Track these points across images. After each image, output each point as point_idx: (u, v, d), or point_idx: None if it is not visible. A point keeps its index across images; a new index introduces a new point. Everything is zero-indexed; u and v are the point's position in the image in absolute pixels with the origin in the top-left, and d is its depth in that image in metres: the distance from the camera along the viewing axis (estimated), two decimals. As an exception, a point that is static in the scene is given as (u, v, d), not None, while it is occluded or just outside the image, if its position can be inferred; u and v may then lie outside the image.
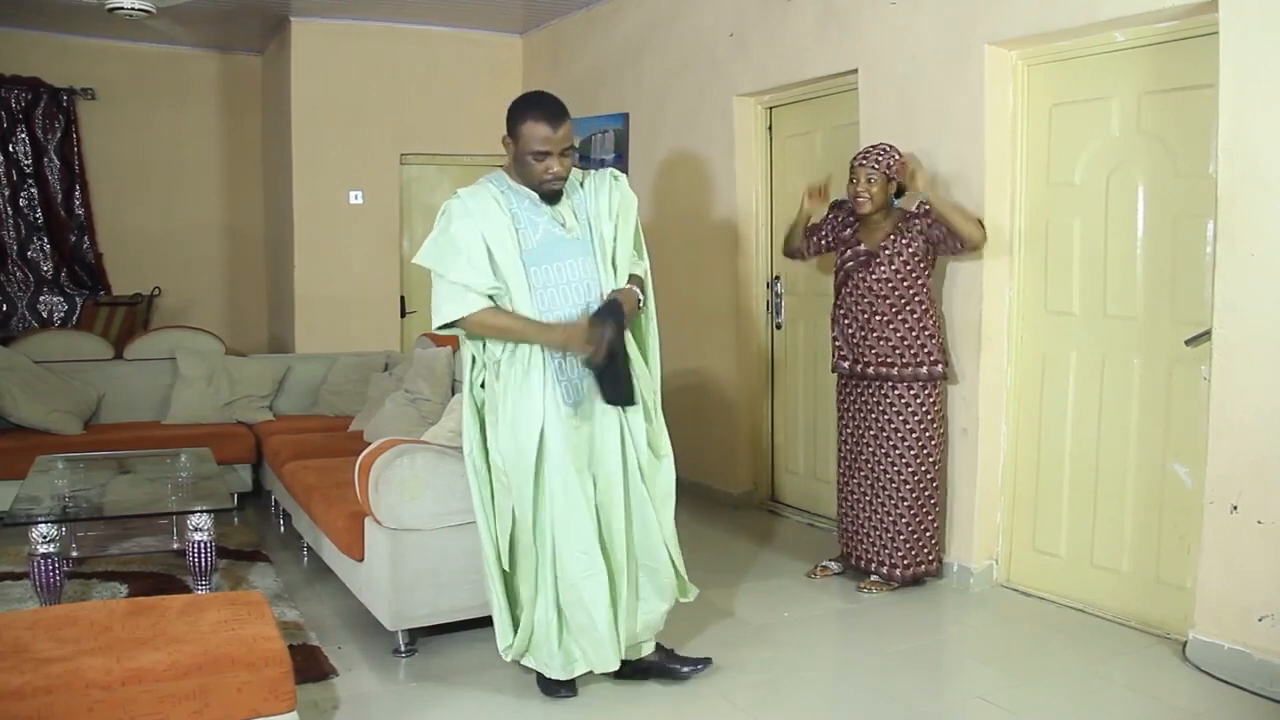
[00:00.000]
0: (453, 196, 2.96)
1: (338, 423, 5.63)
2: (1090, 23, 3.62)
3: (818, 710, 3.12)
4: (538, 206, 2.96)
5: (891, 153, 3.97)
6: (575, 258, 2.97)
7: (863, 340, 4.01)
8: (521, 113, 2.92)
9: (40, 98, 7.06)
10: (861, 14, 4.52)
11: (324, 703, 3.08)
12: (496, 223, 2.90)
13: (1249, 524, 3.17)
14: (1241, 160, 3.16)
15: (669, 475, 3.11)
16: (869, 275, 3.97)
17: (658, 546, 3.08)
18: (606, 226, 3.01)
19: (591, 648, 2.98)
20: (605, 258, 3.01)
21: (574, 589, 2.94)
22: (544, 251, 2.94)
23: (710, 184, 5.59)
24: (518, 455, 2.92)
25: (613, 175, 3.08)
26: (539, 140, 2.87)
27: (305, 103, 6.91)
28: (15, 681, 2.20)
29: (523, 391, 2.92)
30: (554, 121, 2.89)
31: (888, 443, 4.00)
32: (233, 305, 7.89)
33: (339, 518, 3.72)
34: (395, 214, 7.24)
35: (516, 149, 2.93)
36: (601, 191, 3.04)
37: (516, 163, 2.95)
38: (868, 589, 4.06)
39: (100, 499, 3.91)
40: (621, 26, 6.27)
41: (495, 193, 2.95)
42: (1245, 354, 3.18)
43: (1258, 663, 3.14)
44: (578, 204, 3.03)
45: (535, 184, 2.93)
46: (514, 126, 2.93)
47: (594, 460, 2.99)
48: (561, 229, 2.97)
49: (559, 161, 2.90)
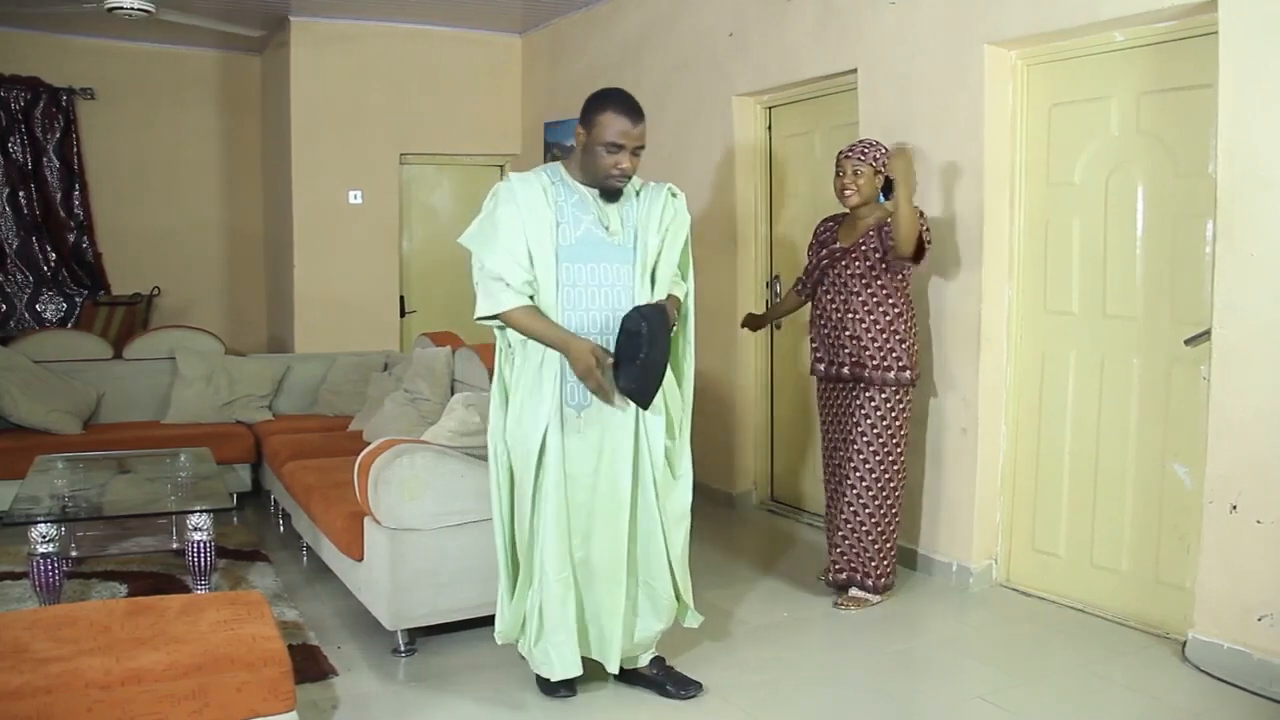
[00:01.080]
0: (503, 180, 2.95)
1: (337, 423, 5.63)
2: (1090, 23, 3.62)
3: (817, 710, 3.12)
4: (585, 204, 2.93)
5: (878, 146, 3.89)
6: (613, 262, 2.93)
7: (836, 340, 3.92)
8: (602, 103, 2.90)
9: (40, 97, 7.06)
10: (861, 14, 4.52)
11: (323, 703, 3.08)
12: (539, 214, 2.87)
13: (1248, 524, 3.17)
14: (1241, 160, 3.16)
15: (684, 496, 3.06)
16: (844, 271, 3.89)
17: (660, 567, 3.03)
18: (653, 239, 2.97)
19: (555, 650, 2.96)
20: (645, 268, 2.96)
21: (549, 589, 2.93)
22: (581, 250, 2.91)
23: (710, 184, 5.59)
24: (524, 448, 2.92)
25: (670, 191, 3.04)
26: (616, 132, 2.85)
27: (305, 102, 6.91)
28: (14, 681, 2.20)
29: (533, 388, 2.91)
30: (634, 116, 2.88)
31: (851, 447, 3.88)
32: (232, 305, 7.89)
33: (338, 517, 3.71)
34: (395, 214, 7.25)
35: (589, 138, 2.89)
36: (655, 203, 3.00)
37: (585, 153, 2.91)
38: (845, 606, 3.92)
39: (99, 499, 3.91)
40: (621, 26, 6.27)
41: (545, 183, 2.92)
42: (1245, 354, 3.18)
43: (1257, 662, 3.14)
44: (627, 211, 2.99)
45: (601, 177, 2.90)
46: (591, 115, 2.90)
47: (600, 467, 2.94)
48: (604, 232, 2.94)
49: (630, 159, 2.88)
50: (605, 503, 2.95)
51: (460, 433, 3.60)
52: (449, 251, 7.69)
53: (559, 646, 2.95)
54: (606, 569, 2.97)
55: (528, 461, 2.92)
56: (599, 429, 2.93)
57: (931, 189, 4.22)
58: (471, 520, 3.42)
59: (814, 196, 5.03)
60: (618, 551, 2.97)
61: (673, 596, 3.08)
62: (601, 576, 2.98)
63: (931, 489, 4.31)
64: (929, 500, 4.31)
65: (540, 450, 2.90)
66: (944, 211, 4.18)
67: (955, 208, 4.13)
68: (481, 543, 3.42)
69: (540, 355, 2.90)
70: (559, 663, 2.97)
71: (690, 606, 3.18)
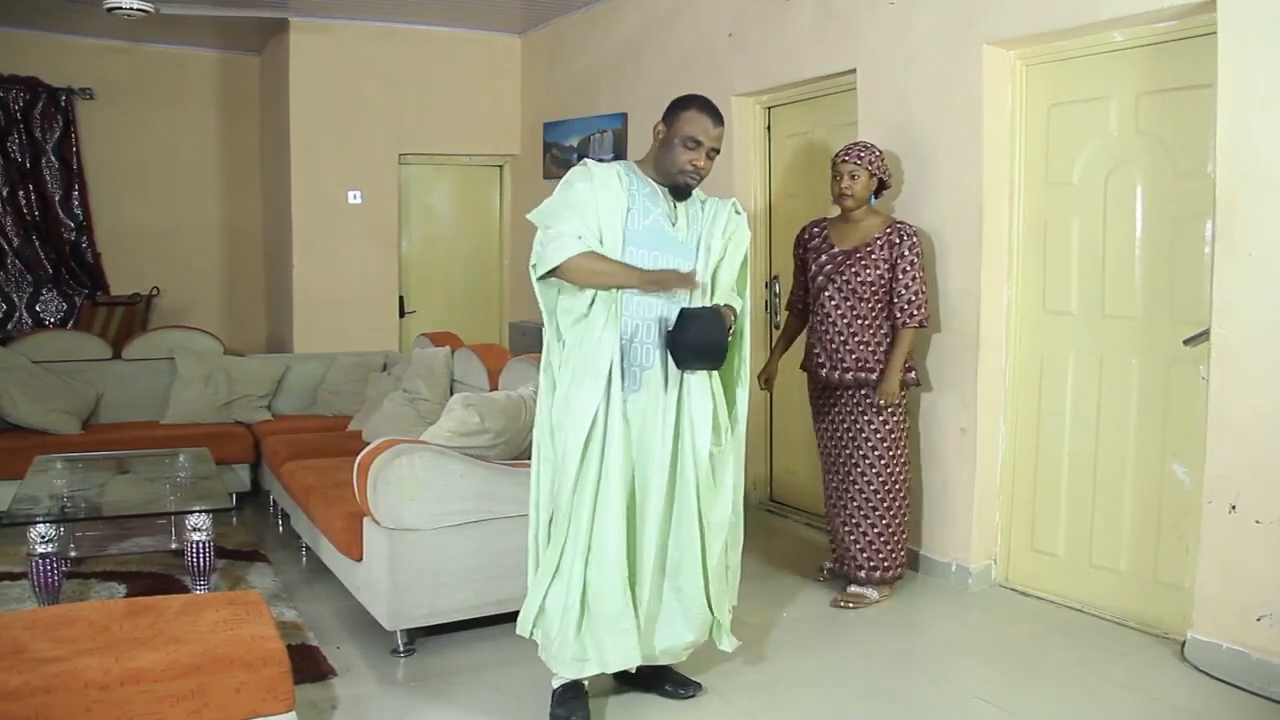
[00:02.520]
0: (579, 164, 2.96)
1: (336, 423, 5.63)
2: (1089, 23, 3.62)
3: (817, 710, 3.12)
4: (655, 198, 2.96)
5: (873, 149, 3.93)
6: (676, 256, 2.95)
7: (842, 345, 3.92)
8: (687, 102, 2.97)
9: (39, 97, 7.06)
10: (860, 14, 4.52)
11: (322, 703, 3.08)
12: (613, 194, 2.89)
13: (1247, 524, 3.17)
14: (1240, 160, 3.16)
15: (725, 506, 2.98)
16: (853, 276, 3.89)
17: (694, 573, 2.94)
18: (716, 244, 3.00)
19: (609, 638, 2.83)
20: (706, 270, 2.97)
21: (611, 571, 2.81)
22: (648, 237, 2.92)
23: (709, 184, 5.55)
24: (570, 432, 2.84)
25: (734, 207, 3.07)
26: (697, 130, 2.90)
27: (304, 102, 6.91)
28: (13, 682, 2.20)
29: (584, 370, 2.84)
30: (716, 119, 2.94)
31: (858, 451, 3.92)
32: (231, 305, 7.89)
33: (337, 518, 3.71)
34: (394, 214, 7.25)
35: (668, 134, 2.94)
36: (721, 214, 3.04)
37: (663, 147, 2.95)
38: (844, 603, 3.94)
39: (99, 499, 3.91)
40: (620, 26, 6.27)
41: (620, 171, 2.95)
42: (1244, 354, 3.19)
43: (1256, 662, 3.14)
44: (693, 214, 3.03)
45: (674, 172, 2.93)
46: (676, 112, 2.95)
47: (640, 460, 2.89)
48: (670, 226, 2.97)
49: (705, 158, 2.92)
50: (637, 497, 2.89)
51: (459, 433, 3.60)
52: (448, 251, 7.75)
53: (618, 634, 2.83)
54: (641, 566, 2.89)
55: (572, 447, 2.83)
56: (641, 418, 2.89)
57: (931, 189, 4.23)
58: (471, 520, 3.41)
59: (813, 197, 5.03)
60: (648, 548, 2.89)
61: (705, 606, 2.98)
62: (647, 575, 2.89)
63: (931, 489, 4.31)
64: (928, 500, 4.31)
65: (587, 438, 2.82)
66: (943, 211, 4.18)
67: (954, 208, 4.13)
68: (481, 543, 3.43)
69: (598, 335, 2.84)
70: (615, 652, 2.84)
71: (725, 627, 3.05)
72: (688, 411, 2.93)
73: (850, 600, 3.95)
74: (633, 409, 2.89)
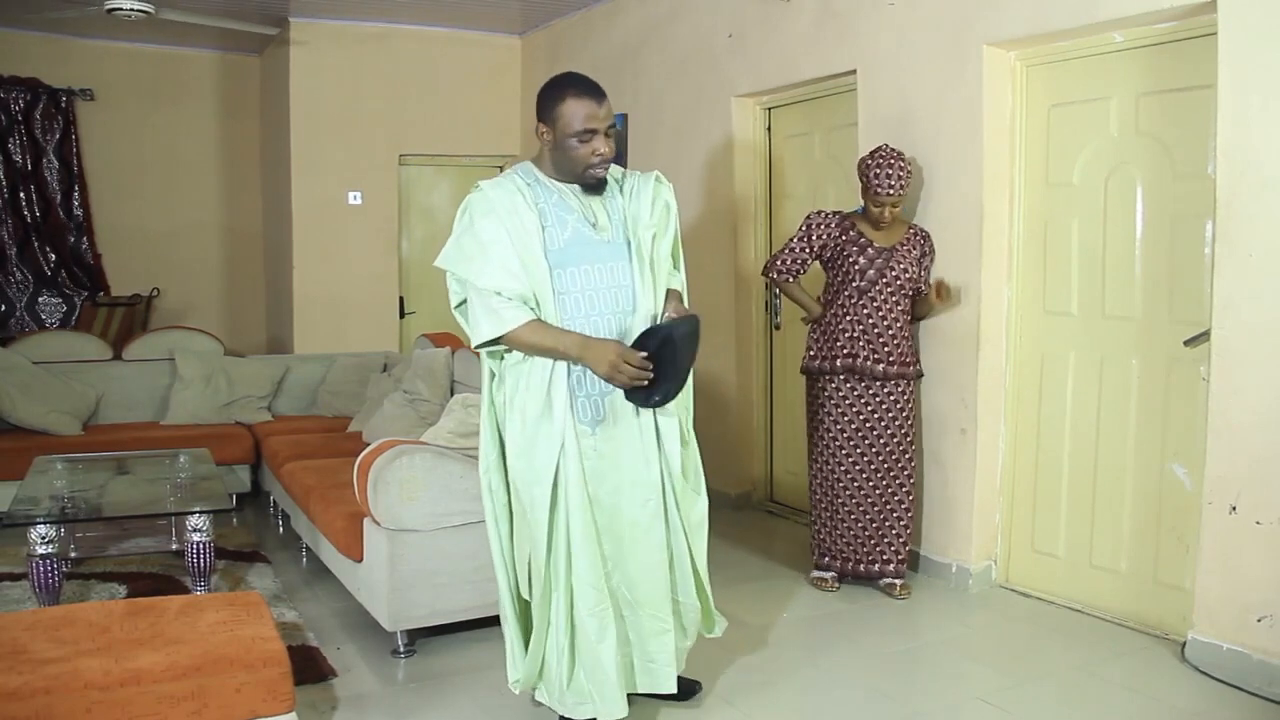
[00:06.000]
0: (474, 189, 2.67)
1: (336, 423, 5.63)
2: (1089, 23, 3.62)
3: (817, 710, 3.12)
4: (566, 202, 2.69)
5: (906, 168, 3.94)
6: (608, 261, 2.69)
7: (891, 340, 4.01)
8: (559, 91, 2.64)
9: (39, 98, 7.06)
10: (860, 14, 4.52)
11: (322, 704, 3.08)
12: (521, 219, 2.61)
13: (1247, 524, 3.17)
14: (1240, 161, 3.16)
15: (702, 502, 2.90)
16: (901, 273, 4.01)
17: (689, 580, 2.87)
18: (645, 231, 2.73)
19: (597, 691, 2.72)
20: (644, 264, 2.72)
21: (583, 625, 2.69)
22: (573, 253, 2.65)
23: (709, 185, 5.59)
24: (534, 477, 2.67)
25: (657, 178, 2.81)
26: (583, 118, 2.59)
27: (304, 103, 6.91)
28: (14, 682, 2.20)
29: (540, 413, 2.65)
30: (597, 96, 2.62)
31: (906, 439, 4.07)
32: (231, 306, 7.88)
33: (337, 518, 3.72)
34: (394, 215, 7.25)
35: (555, 135, 2.64)
36: (644, 193, 2.77)
37: (556, 150, 2.66)
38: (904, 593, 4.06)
39: (99, 500, 3.91)
40: (620, 27, 6.28)
41: (520, 185, 2.66)
42: (1244, 354, 3.19)
43: (1256, 663, 3.14)
44: (613, 205, 2.75)
45: (580, 171, 2.65)
46: (550, 108, 2.64)
47: (622, 485, 2.73)
48: (592, 229, 2.69)
49: (605, 141, 2.63)
50: (632, 523, 2.74)
51: (459, 434, 3.60)
52: (448, 252, 7.74)
53: (601, 686, 2.70)
54: (648, 591, 2.77)
55: (539, 493, 2.66)
56: (614, 445, 2.71)
57: (931, 190, 4.23)
58: (471, 521, 3.41)
59: (813, 197, 5.03)
60: (657, 571, 2.77)
61: (698, 609, 2.93)
62: (645, 601, 2.78)
63: (931, 490, 4.30)
64: (929, 501, 4.31)
65: (554, 480, 2.66)
66: (943, 212, 4.18)
67: (954, 208, 4.13)
68: (481, 544, 3.41)
69: (547, 375, 2.65)
70: (603, 704, 2.71)
71: (714, 613, 3.02)
72: (659, 426, 2.78)
73: (906, 588, 4.07)
74: (603, 440, 2.70)
